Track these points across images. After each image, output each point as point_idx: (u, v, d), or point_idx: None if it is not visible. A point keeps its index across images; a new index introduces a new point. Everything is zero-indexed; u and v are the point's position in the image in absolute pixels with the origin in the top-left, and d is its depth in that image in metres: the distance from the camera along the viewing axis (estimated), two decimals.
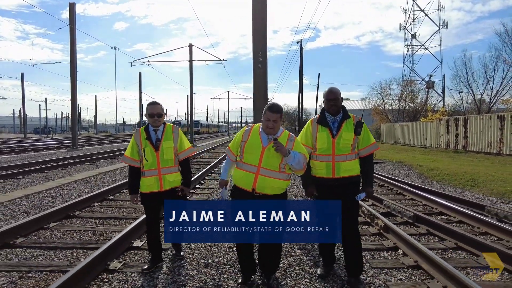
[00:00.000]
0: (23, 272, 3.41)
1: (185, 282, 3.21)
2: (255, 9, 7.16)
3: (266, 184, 2.85)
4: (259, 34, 7.11)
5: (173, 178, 3.46)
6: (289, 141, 2.94)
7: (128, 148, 3.53)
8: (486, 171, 11.52)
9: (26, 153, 19.63)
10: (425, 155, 19.35)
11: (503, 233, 4.62)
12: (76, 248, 4.14)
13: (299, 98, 28.81)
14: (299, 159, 2.85)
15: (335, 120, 3.17)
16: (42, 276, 3.35)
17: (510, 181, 9.40)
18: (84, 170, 11.90)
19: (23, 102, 49.64)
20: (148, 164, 3.39)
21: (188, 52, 27.40)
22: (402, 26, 55.87)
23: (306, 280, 3.29)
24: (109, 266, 3.50)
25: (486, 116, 20.51)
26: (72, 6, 22.39)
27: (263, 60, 7.21)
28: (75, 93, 22.13)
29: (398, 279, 3.39)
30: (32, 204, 6.43)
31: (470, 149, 21.08)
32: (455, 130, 23.12)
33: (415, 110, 39.25)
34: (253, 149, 2.90)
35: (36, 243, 4.26)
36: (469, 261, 3.83)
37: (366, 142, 3.19)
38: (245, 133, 3.01)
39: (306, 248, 4.14)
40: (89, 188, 8.21)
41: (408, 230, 4.89)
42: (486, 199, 7.42)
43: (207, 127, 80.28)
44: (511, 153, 17.63)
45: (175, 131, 3.53)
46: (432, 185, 9.40)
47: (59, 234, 4.70)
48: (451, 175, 10.82)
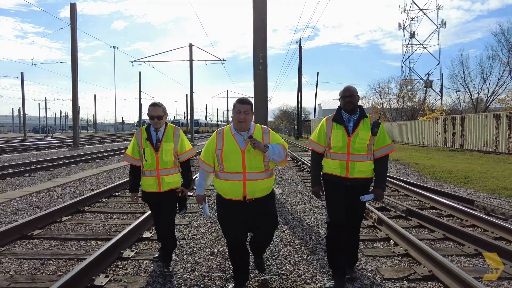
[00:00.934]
0: (44, 260, 3.71)
1: (194, 268, 3.51)
2: (255, 12, 7.44)
3: (256, 188, 2.73)
4: (260, 38, 7.39)
5: (171, 180, 3.41)
6: (264, 134, 2.81)
7: (129, 147, 3.53)
8: (479, 168, 11.83)
9: (28, 152, 19.89)
10: (422, 153, 19.64)
11: (488, 225, 4.93)
12: (89, 239, 4.44)
13: (298, 97, 29.14)
14: (279, 151, 2.74)
15: (351, 119, 3.11)
16: (62, 263, 3.65)
17: (502, 178, 9.72)
18: (88, 168, 12.18)
19: (23, 101, 49.75)
20: (147, 165, 3.37)
21: (188, 52, 27.70)
22: (400, 25, 56.21)
23: (304, 267, 3.59)
24: (122, 254, 3.81)
25: (482, 115, 20.81)
26: (73, 7, 22.61)
27: (263, 62, 7.49)
28: (76, 93, 22.35)
29: (388, 265, 3.69)
30: (43, 200, 6.72)
31: (467, 148, 21.38)
32: (452, 129, 23.40)
33: (413, 109, 39.62)
34: (232, 156, 2.71)
35: (52, 235, 4.56)
36: (454, 250, 4.14)
37: (382, 143, 3.11)
38: (218, 140, 2.81)
39: (304, 239, 4.45)
40: (95, 185, 8.50)
41: (400, 223, 5.19)
42: (477, 195, 7.73)
43: (206, 126, 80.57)
44: (506, 151, 17.93)
45: (176, 133, 3.47)
46: (427, 182, 9.71)
47: (72, 227, 5.00)
48: (445, 173, 11.13)
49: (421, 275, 3.42)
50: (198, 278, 3.29)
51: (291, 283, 3.21)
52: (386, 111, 42.41)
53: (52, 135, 53.74)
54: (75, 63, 22.33)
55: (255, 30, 7.40)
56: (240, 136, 2.75)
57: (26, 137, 44.19)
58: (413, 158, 16.18)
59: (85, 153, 17.89)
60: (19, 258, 3.76)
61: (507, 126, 18.08)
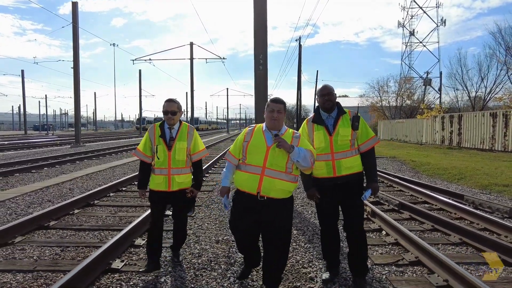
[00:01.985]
0: (63, 247, 4.04)
1: (201, 254, 3.84)
2: (255, 14, 7.73)
3: (272, 186, 2.66)
4: (260, 38, 7.68)
5: (182, 180, 3.33)
6: (294, 138, 2.79)
7: (141, 142, 3.45)
8: (474, 166, 12.16)
9: (31, 149, 20.18)
10: (420, 151, 19.96)
11: (474, 218, 5.26)
12: (102, 229, 4.77)
13: (298, 95, 29.38)
14: (305, 155, 2.68)
15: (331, 117, 3.09)
16: (80, 250, 3.98)
17: (494, 175, 10.05)
18: (93, 164, 12.49)
19: (23, 99, 49.91)
20: (159, 162, 3.30)
21: (189, 50, 27.98)
22: (400, 23, 56.34)
23: (301, 253, 3.92)
24: (134, 242, 4.14)
25: (479, 114, 21.10)
26: (75, 5, 22.84)
27: (264, 62, 7.79)
28: (78, 91, 22.63)
29: (379, 253, 4.02)
30: (53, 195, 7.04)
31: (464, 146, 21.68)
32: (449, 127, 23.69)
33: (411, 107, 39.94)
34: (257, 149, 2.73)
35: (67, 226, 4.89)
36: (441, 239, 4.47)
37: (365, 137, 3.09)
38: (247, 133, 2.85)
39: (302, 229, 4.78)
40: (102, 181, 8.82)
41: (393, 215, 5.51)
42: (468, 190, 8.06)
43: (206, 124, 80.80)
44: (502, 149, 18.23)
45: (190, 132, 3.42)
46: (422, 178, 10.03)
47: (84, 218, 5.32)
48: (441, 170, 11.45)
49: (408, 260, 3.75)
50: (205, 262, 3.62)
51: (289, 267, 3.54)
52: (385, 109, 42.69)
53: (52, 133, 54.02)
54: (77, 62, 22.60)
55: (256, 31, 7.69)
56: (270, 133, 2.76)
57: (27, 135, 44.46)
58: (410, 155, 16.50)
59: (88, 150, 18.20)
60: (40, 245, 4.09)
61: (504, 124, 18.38)
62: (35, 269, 3.42)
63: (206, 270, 3.45)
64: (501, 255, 3.78)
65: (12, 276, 3.26)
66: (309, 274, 3.38)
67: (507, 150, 17.81)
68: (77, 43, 22.71)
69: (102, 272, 3.32)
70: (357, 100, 46.55)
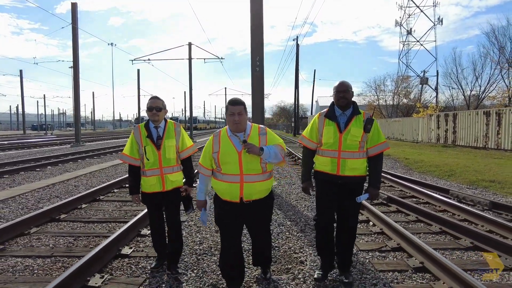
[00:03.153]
0: (75, 237, 4.40)
1: (202, 241, 4.21)
2: (252, 19, 8.08)
3: (253, 190, 2.69)
4: (257, 42, 8.03)
5: (175, 178, 3.29)
6: (261, 135, 2.75)
7: (126, 145, 3.32)
8: (465, 163, 12.55)
9: (32, 148, 20.48)
10: (415, 149, 20.35)
11: (456, 210, 5.65)
12: (109, 221, 5.13)
13: (295, 94, 29.75)
14: (275, 152, 2.69)
15: (344, 115, 3.03)
16: (91, 239, 4.35)
17: (483, 171, 10.44)
18: (94, 163, 12.83)
19: (22, 99, 50.09)
20: (149, 164, 3.20)
21: (187, 50, 28.28)
22: (397, 22, 56.74)
23: (293, 241, 4.29)
24: (141, 232, 4.50)
25: (473, 112, 21.49)
26: (74, 6, 23.12)
27: (260, 64, 8.15)
28: (77, 91, 22.93)
29: (365, 241, 4.39)
30: (60, 191, 7.38)
31: (459, 144, 22.08)
32: (445, 125, 24.07)
33: (408, 106, 40.43)
34: (229, 158, 2.68)
35: (76, 218, 5.25)
36: (423, 229, 4.85)
37: (376, 141, 3.02)
38: (214, 143, 2.77)
39: (295, 221, 5.15)
40: (105, 178, 9.17)
41: (381, 209, 5.89)
42: (456, 186, 8.45)
43: (204, 123, 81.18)
44: (495, 147, 18.64)
45: (177, 129, 3.35)
46: (413, 175, 10.42)
47: (91, 212, 5.68)
48: (433, 167, 11.84)
49: (390, 247, 4.12)
50: (206, 248, 3.99)
51: (282, 252, 3.91)
52: (382, 107, 43.14)
53: (51, 133, 54.22)
54: (76, 62, 22.90)
55: (253, 36, 8.05)
56: (236, 138, 2.71)
57: (26, 135, 44.68)
58: (405, 153, 16.88)
59: (88, 149, 18.52)
60: (54, 235, 4.45)
61: (496, 123, 18.76)
62: (52, 255, 3.78)
63: (207, 255, 3.82)
64: (474, 241, 4.17)
65: (33, 260, 3.63)
66: (300, 258, 3.75)
67: (500, 148, 18.20)
68: (77, 43, 22.99)
69: (113, 257, 3.68)
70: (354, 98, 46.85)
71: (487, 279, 3.30)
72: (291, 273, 3.37)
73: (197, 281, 3.21)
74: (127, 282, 3.17)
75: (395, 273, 3.42)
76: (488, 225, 4.80)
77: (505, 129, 17.93)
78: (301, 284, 3.14)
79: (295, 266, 3.54)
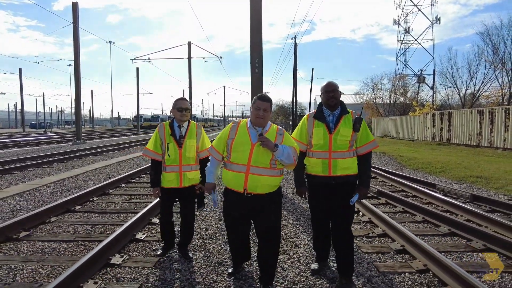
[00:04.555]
0: (92, 225, 4.86)
1: (208, 228, 4.68)
2: (252, 22, 8.52)
3: (257, 183, 2.71)
4: (256, 44, 8.48)
5: (193, 176, 3.49)
6: (278, 135, 2.81)
7: (150, 141, 3.56)
8: (456, 160, 13.04)
9: (34, 146, 20.85)
10: (410, 147, 20.82)
11: (440, 202, 6.13)
12: (121, 212, 5.58)
13: (293, 93, 30.14)
14: (289, 153, 2.72)
15: (333, 115, 3.06)
16: (106, 226, 4.80)
17: (472, 168, 10.93)
18: (99, 160, 13.25)
19: (21, 97, 50.35)
20: (170, 160, 3.42)
21: (186, 49, 28.69)
22: (395, 21, 57.16)
23: (289, 228, 4.75)
24: (151, 220, 4.97)
25: (468, 111, 21.97)
26: (75, 6, 23.51)
27: (259, 65, 8.60)
28: (79, 90, 23.37)
29: (354, 228, 4.84)
30: (70, 186, 7.82)
31: (453, 142, 22.56)
32: (440, 124, 24.56)
33: (405, 104, 40.99)
34: (241, 147, 2.74)
35: (90, 210, 5.70)
36: (408, 219, 5.32)
37: (365, 140, 3.06)
38: (232, 129, 2.85)
39: (291, 211, 5.62)
40: (111, 174, 9.61)
41: (371, 201, 6.36)
42: (444, 181, 8.93)
43: (203, 121, 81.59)
44: (488, 145, 19.12)
45: (199, 130, 3.60)
46: (405, 171, 10.88)
47: (103, 204, 6.12)
48: (425, 164, 12.31)
49: (376, 234, 4.59)
50: (211, 234, 4.45)
51: None
52: (379, 106, 43.66)
53: (50, 131, 54.47)
54: (77, 61, 23.31)
55: (252, 38, 8.49)
56: (254, 130, 2.78)
57: (25, 132, 44.98)
58: (399, 151, 17.35)
59: (90, 147, 18.92)
60: (72, 224, 4.91)
61: (489, 121, 19.24)
62: (74, 239, 4.24)
63: (212, 239, 4.28)
64: (452, 228, 4.64)
65: (58, 244, 4.09)
66: (295, 242, 4.22)
67: (492, 146, 18.68)
68: (78, 43, 23.38)
69: (129, 241, 4.14)
70: (352, 97, 47.47)
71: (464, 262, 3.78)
72: (287, 254, 3.83)
73: (205, 260, 3.67)
74: (144, 261, 3.62)
75: (379, 254, 3.89)
76: (467, 215, 5.29)
77: (498, 127, 18.42)
78: (295, 263, 3.61)
79: (291, 249, 4.00)
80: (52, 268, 3.44)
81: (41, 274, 3.30)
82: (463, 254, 3.90)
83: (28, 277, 3.24)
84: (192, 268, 3.45)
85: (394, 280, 3.25)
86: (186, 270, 3.41)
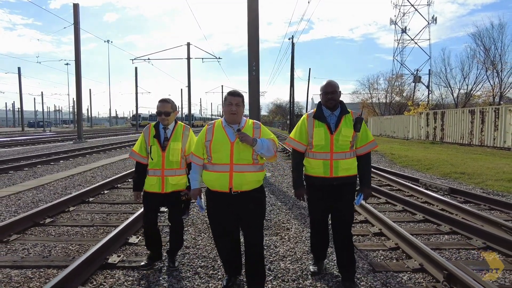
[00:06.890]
0: (107, 213, 5.45)
1: (200, 223, 5.25)
2: (249, 28, 9.10)
3: (243, 181, 2.67)
4: (253, 49, 9.09)
5: (176, 181, 3.27)
6: (255, 129, 2.79)
7: (137, 143, 3.41)
8: (445, 158, 13.68)
9: (37, 145, 21.34)
10: (403, 145, 21.43)
11: (420, 194, 6.77)
12: (131, 203, 6.17)
13: (291, 92, 30.76)
14: (268, 146, 2.72)
15: (333, 115, 3.01)
16: (120, 215, 5.40)
17: (458, 165, 11.57)
18: (103, 158, 13.81)
19: (20, 96, 50.72)
20: (152, 163, 3.25)
21: (185, 49, 29.26)
22: (392, 20, 57.82)
23: (282, 216, 5.36)
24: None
25: (460, 111, 22.64)
26: (76, 7, 24.02)
27: (256, 69, 9.19)
28: (79, 89, 23.86)
29: None
30: (80, 181, 8.40)
31: (446, 141, 23.21)
32: (433, 123, 25.20)
33: (400, 104, 41.70)
34: (221, 147, 2.70)
35: (103, 201, 6.29)
36: (389, 208, 5.94)
37: (365, 140, 3.04)
38: (208, 132, 2.81)
39: (284, 202, 6.23)
40: (116, 170, 10.18)
41: None
42: (429, 177, 9.56)
43: (200, 120, 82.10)
44: (479, 144, 19.77)
45: (185, 132, 3.36)
46: (394, 168, 11.51)
47: (114, 197, 6.71)
48: (414, 161, 12.94)
49: (359, 220, 5.20)
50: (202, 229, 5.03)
51: (273, 223, 4.98)
52: (375, 105, 44.34)
53: (49, 129, 54.84)
54: (78, 61, 23.81)
55: (249, 44, 9.09)
56: (231, 128, 2.75)
57: (25, 132, 45.37)
58: (392, 149, 17.96)
59: (92, 146, 19.43)
60: (89, 212, 5.50)
61: (480, 121, 19.89)
62: (93, 224, 4.85)
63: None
64: (426, 216, 5.26)
65: (79, 228, 4.70)
66: (287, 226, 4.83)
67: (483, 145, 19.32)
68: (79, 43, 23.89)
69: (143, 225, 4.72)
70: (348, 97, 48.15)
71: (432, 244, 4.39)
72: (279, 236, 4.44)
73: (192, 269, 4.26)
74: None
75: (358, 236, 4.49)
76: (441, 205, 5.92)
77: (488, 126, 19.09)
78: (286, 242, 4.21)
79: (283, 231, 4.61)
80: (79, 246, 4.04)
81: (71, 250, 3.91)
82: (431, 236, 4.52)
83: (62, 252, 3.85)
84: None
85: (369, 255, 3.86)
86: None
